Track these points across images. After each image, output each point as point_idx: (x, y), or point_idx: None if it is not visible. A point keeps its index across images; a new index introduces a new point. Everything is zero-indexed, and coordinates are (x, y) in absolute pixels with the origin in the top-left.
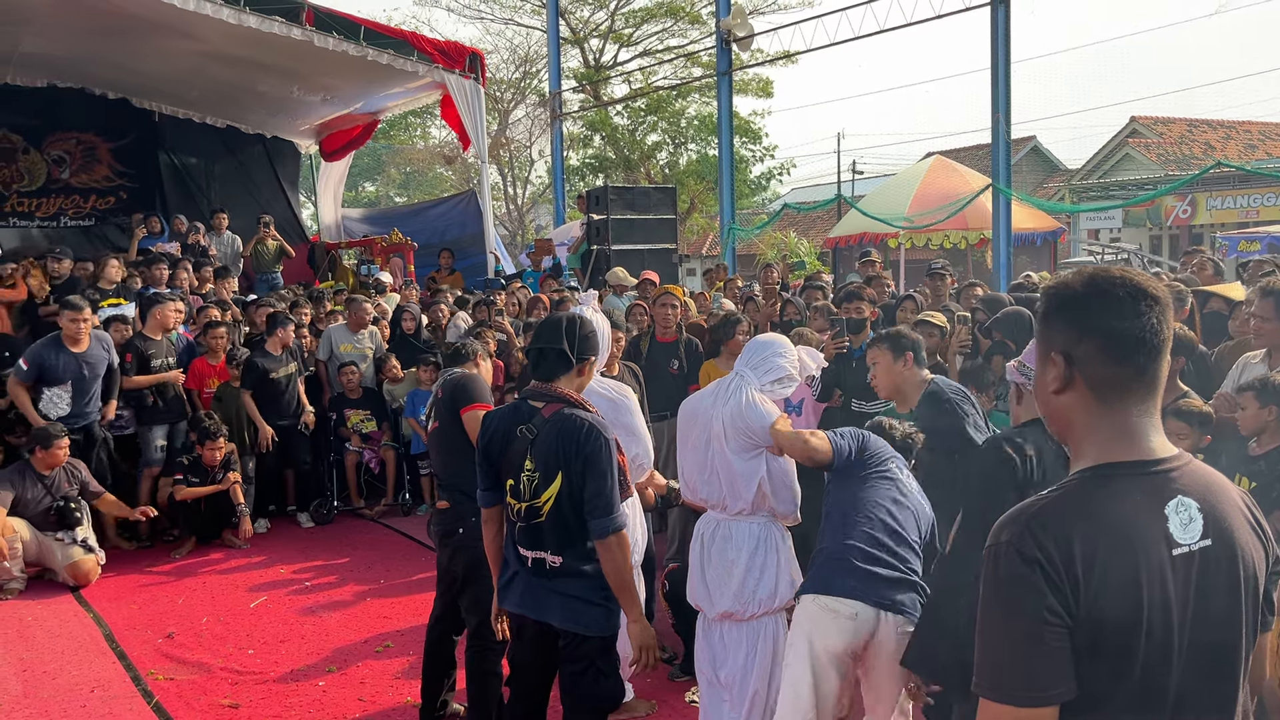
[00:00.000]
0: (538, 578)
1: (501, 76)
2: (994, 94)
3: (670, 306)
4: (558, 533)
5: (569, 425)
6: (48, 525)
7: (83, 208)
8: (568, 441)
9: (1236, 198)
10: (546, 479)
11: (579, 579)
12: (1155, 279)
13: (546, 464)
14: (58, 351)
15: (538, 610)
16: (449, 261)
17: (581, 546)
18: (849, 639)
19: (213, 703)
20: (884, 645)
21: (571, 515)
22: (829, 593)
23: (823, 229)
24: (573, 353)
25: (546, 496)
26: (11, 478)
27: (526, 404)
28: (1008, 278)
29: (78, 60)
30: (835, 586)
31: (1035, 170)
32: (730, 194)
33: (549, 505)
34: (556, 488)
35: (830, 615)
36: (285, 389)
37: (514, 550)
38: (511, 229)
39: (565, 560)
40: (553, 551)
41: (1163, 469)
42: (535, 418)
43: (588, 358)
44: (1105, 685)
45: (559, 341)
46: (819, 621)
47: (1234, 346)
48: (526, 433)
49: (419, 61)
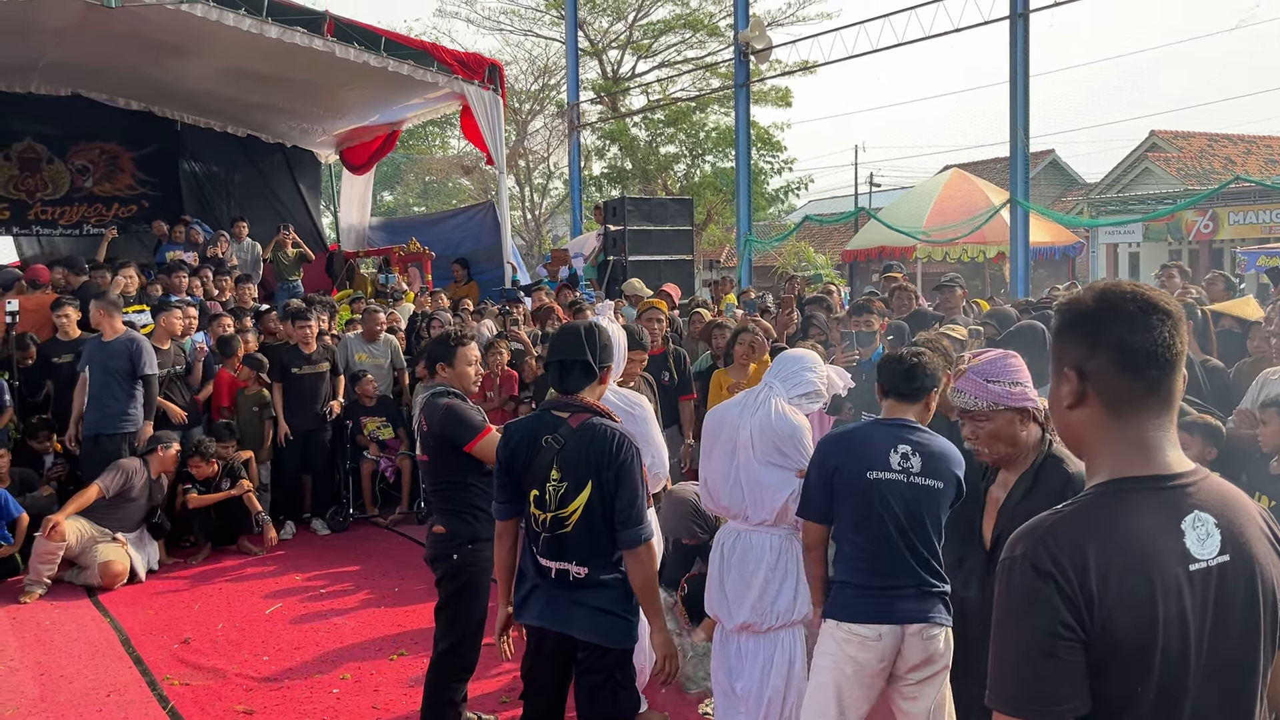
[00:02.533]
0: (560, 589)
1: (520, 87)
2: (1012, 107)
3: (655, 320)
4: (584, 543)
5: (600, 435)
6: (134, 527)
7: (105, 216)
8: (599, 451)
9: (1259, 213)
10: (575, 489)
11: (603, 590)
12: (1167, 293)
13: (576, 473)
14: (92, 339)
15: (560, 623)
16: (462, 273)
17: (606, 557)
18: (876, 656)
19: (228, 708)
20: (910, 654)
21: (601, 525)
22: (853, 620)
23: (839, 242)
24: (595, 363)
25: (574, 507)
26: (128, 469)
27: (550, 414)
28: (1025, 292)
29: (101, 70)
30: (857, 613)
31: (1054, 184)
32: (747, 205)
33: (576, 515)
34: (585, 497)
35: (856, 640)
36: (315, 388)
37: (534, 563)
38: (528, 239)
39: (590, 571)
40: (578, 562)
41: (1179, 484)
42: (562, 427)
43: (607, 366)
44: (1120, 701)
45: (582, 353)
46: (844, 644)
47: (1253, 363)
48: (553, 442)
49: (439, 72)
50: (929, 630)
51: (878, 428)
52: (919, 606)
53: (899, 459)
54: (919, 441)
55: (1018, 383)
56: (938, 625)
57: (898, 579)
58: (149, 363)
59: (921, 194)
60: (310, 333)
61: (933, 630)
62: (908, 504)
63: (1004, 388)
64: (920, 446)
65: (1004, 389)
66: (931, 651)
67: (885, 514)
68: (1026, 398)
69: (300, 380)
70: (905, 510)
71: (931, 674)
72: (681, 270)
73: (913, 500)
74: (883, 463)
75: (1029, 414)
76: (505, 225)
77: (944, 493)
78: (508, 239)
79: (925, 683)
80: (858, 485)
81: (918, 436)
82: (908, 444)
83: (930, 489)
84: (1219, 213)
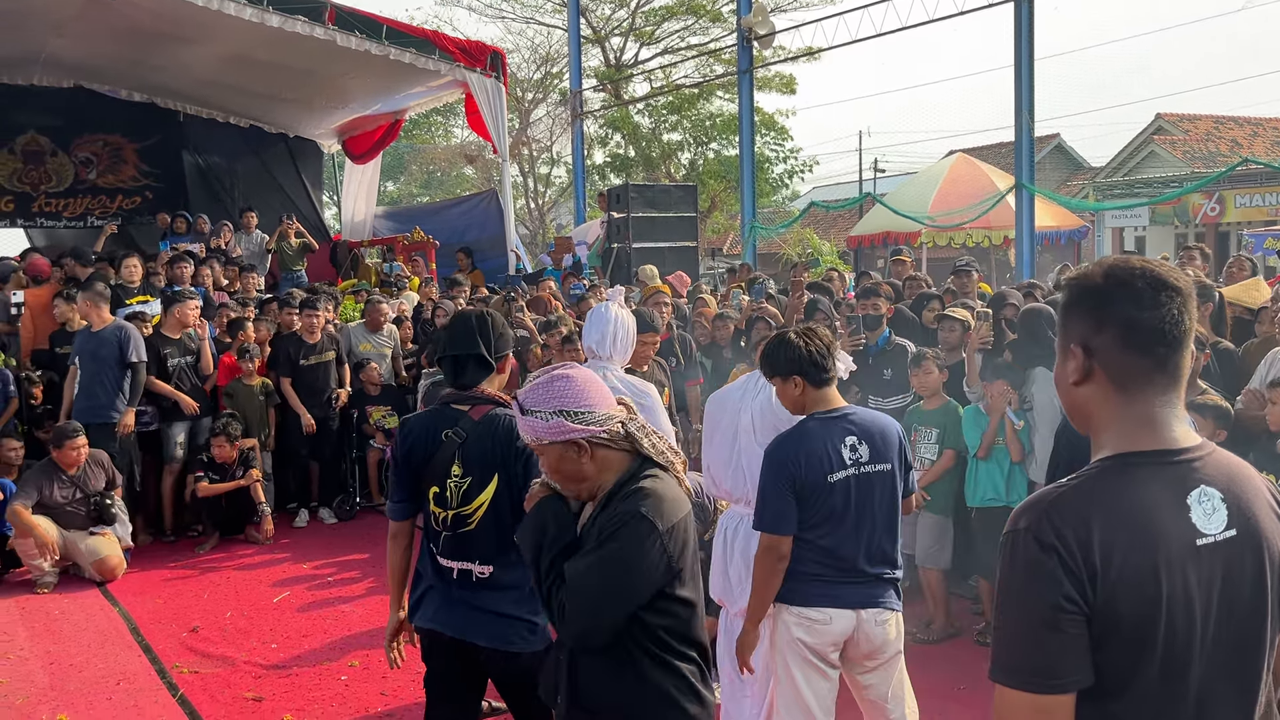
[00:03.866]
0: (461, 590)
1: (523, 75)
2: (1017, 91)
3: (662, 305)
4: (488, 541)
5: (505, 426)
6: (82, 523)
7: (109, 208)
8: (505, 443)
9: (1265, 195)
10: (479, 484)
11: (506, 592)
12: (1178, 270)
13: (480, 468)
14: (82, 331)
15: (456, 628)
16: (466, 262)
17: (512, 555)
18: (826, 641)
19: (236, 695)
20: (862, 640)
21: (508, 521)
22: (804, 604)
23: (843, 228)
24: (491, 355)
25: (479, 503)
26: (37, 479)
27: (449, 408)
28: (1031, 276)
29: (103, 62)
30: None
31: (1059, 168)
32: (751, 192)
33: (480, 512)
34: (491, 492)
35: (805, 623)
36: (320, 377)
37: (432, 563)
38: (532, 228)
39: (494, 571)
40: (481, 561)
41: (1185, 459)
42: (463, 420)
43: (504, 354)
44: (1124, 674)
45: (475, 346)
46: (793, 628)
47: (1260, 344)
48: (454, 436)
49: (441, 60)
50: (880, 615)
51: (818, 425)
52: (870, 592)
53: (849, 452)
54: (860, 426)
55: (563, 410)
56: (888, 610)
57: (850, 567)
58: (137, 350)
59: (926, 179)
60: (317, 323)
61: (884, 615)
62: (861, 495)
63: (541, 420)
64: (863, 431)
65: (541, 421)
66: (884, 637)
67: (843, 510)
68: (565, 430)
69: (307, 371)
70: (859, 501)
71: (885, 660)
72: (686, 258)
73: (866, 489)
74: (838, 462)
75: (583, 446)
76: (509, 213)
77: (893, 471)
78: (511, 227)
79: (880, 669)
80: (820, 489)
81: (856, 420)
82: (852, 434)
83: (881, 474)
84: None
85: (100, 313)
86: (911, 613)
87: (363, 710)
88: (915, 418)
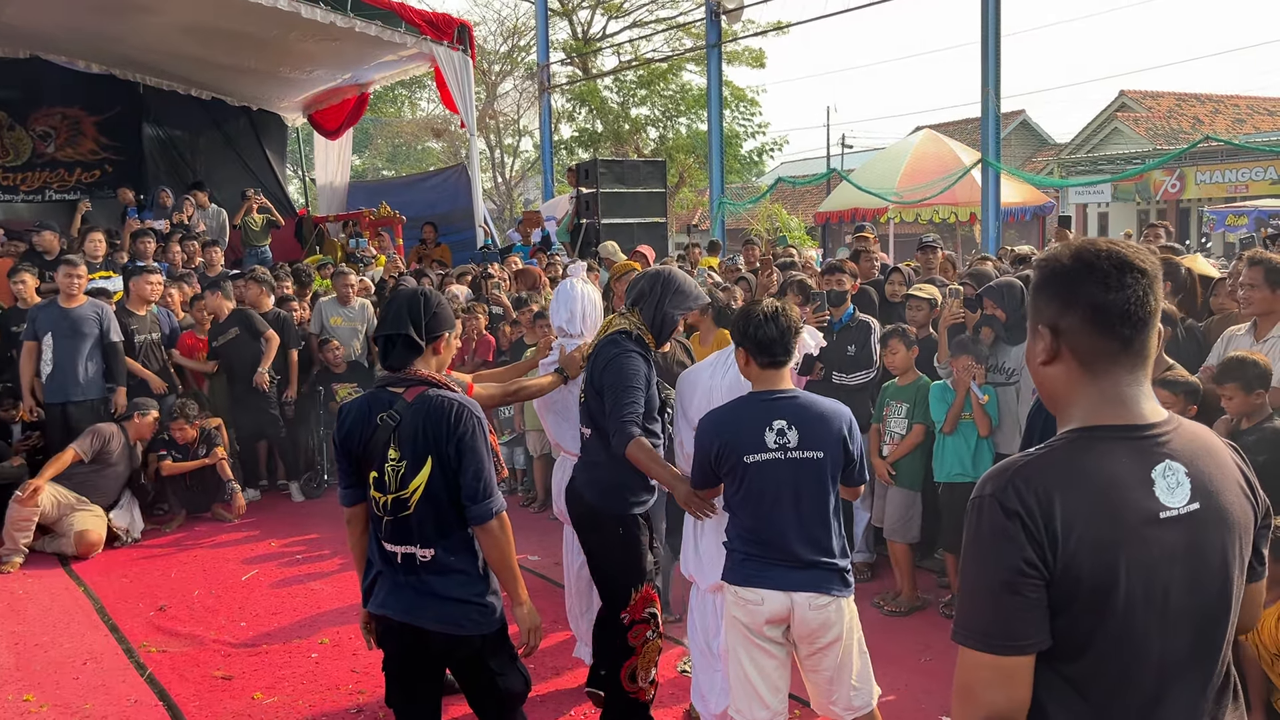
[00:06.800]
0: (407, 575)
1: (490, 48)
2: (984, 67)
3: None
4: (428, 524)
5: (436, 407)
6: (114, 495)
7: (68, 181)
8: (436, 424)
9: (1225, 171)
10: (415, 466)
11: (450, 575)
12: (1144, 250)
13: (414, 450)
14: (47, 306)
15: (404, 612)
16: (433, 235)
17: (454, 537)
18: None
19: (205, 674)
20: (800, 624)
21: (445, 503)
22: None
23: (811, 204)
24: (421, 336)
25: (415, 485)
26: (104, 434)
27: (385, 391)
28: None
29: (61, 32)
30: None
31: (1025, 144)
32: (720, 168)
33: (418, 495)
34: (426, 475)
35: (741, 602)
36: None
37: (379, 548)
38: (500, 203)
39: (436, 553)
40: (422, 545)
41: (1151, 433)
42: (397, 403)
43: (440, 335)
44: (1083, 639)
45: (404, 327)
46: (732, 606)
47: (1218, 320)
48: (389, 419)
49: (407, 33)
50: (816, 599)
51: (751, 404)
52: (806, 577)
53: (774, 436)
54: (795, 411)
55: None
56: (826, 596)
57: (783, 552)
58: (116, 329)
59: (893, 155)
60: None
61: (820, 600)
62: (791, 480)
63: None
64: (797, 416)
65: None
66: (821, 621)
67: (766, 492)
68: None
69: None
70: (791, 486)
71: (826, 643)
72: (655, 233)
73: (794, 476)
74: (759, 444)
75: None
76: (477, 188)
77: (825, 461)
78: (479, 202)
79: (821, 652)
80: (736, 469)
81: (794, 405)
82: (783, 417)
83: (811, 460)
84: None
85: (79, 286)
86: (881, 586)
87: (333, 687)
88: (889, 394)
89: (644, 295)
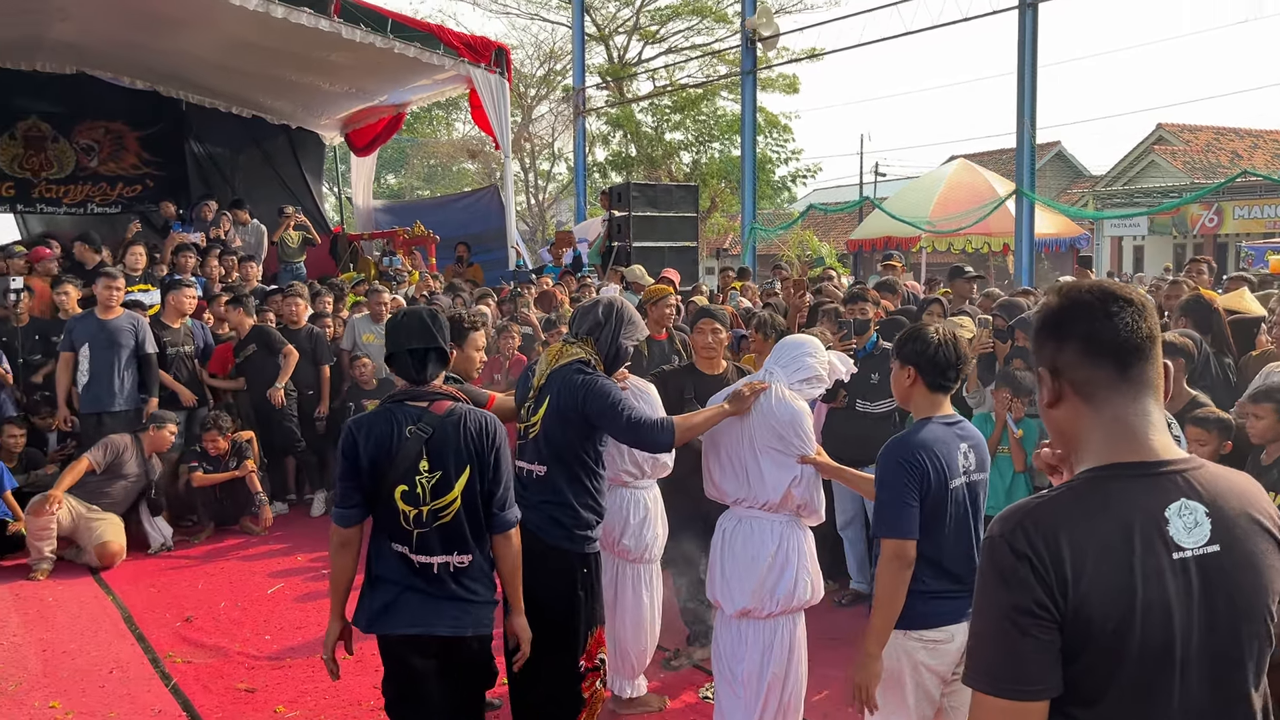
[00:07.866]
0: (437, 585)
1: (526, 71)
2: (1019, 98)
3: (667, 306)
4: (465, 532)
5: (473, 419)
6: (124, 506)
7: (109, 195)
8: (478, 435)
9: (1264, 207)
10: (452, 477)
11: (481, 580)
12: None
13: (453, 460)
14: (84, 317)
15: (449, 625)
16: (466, 254)
17: (485, 543)
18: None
19: (229, 685)
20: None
21: (479, 510)
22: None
23: (843, 231)
24: (447, 346)
25: (453, 495)
26: (118, 445)
27: (406, 405)
28: (1030, 283)
29: (107, 47)
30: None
31: (1059, 175)
32: (753, 192)
33: (456, 504)
34: (464, 483)
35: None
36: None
37: (403, 564)
38: (532, 224)
39: (474, 559)
40: (460, 552)
41: (1167, 470)
42: (426, 416)
43: (454, 346)
44: (1099, 684)
45: (434, 340)
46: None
47: (1259, 356)
48: (419, 431)
49: (445, 55)
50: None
51: (944, 429)
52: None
53: (963, 459)
54: (969, 435)
55: None
56: None
57: (960, 583)
58: (151, 341)
59: (927, 184)
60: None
61: None
62: (968, 503)
63: None
64: (970, 440)
65: None
66: None
67: (955, 519)
68: None
69: None
70: (966, 510)
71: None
72: (686, 258)
73: (972, 498)
74: (958, 469)
75: None
76: (510, 209)
77: (988, 481)
78: (512, 223)
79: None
80: (941, 495)
81: (964, 429)
82: (965, 441)
83: (982, 483)
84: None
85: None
86: None
87: (355, 703)
88: None
89: (599, 325)
